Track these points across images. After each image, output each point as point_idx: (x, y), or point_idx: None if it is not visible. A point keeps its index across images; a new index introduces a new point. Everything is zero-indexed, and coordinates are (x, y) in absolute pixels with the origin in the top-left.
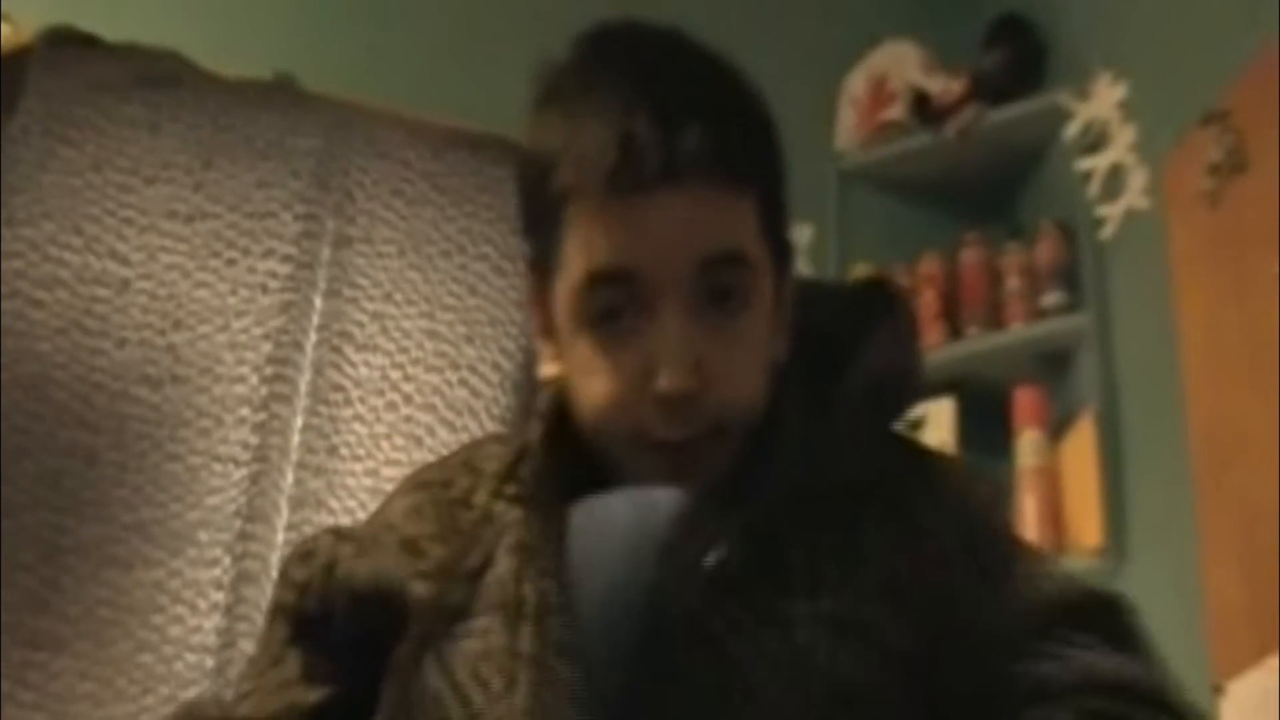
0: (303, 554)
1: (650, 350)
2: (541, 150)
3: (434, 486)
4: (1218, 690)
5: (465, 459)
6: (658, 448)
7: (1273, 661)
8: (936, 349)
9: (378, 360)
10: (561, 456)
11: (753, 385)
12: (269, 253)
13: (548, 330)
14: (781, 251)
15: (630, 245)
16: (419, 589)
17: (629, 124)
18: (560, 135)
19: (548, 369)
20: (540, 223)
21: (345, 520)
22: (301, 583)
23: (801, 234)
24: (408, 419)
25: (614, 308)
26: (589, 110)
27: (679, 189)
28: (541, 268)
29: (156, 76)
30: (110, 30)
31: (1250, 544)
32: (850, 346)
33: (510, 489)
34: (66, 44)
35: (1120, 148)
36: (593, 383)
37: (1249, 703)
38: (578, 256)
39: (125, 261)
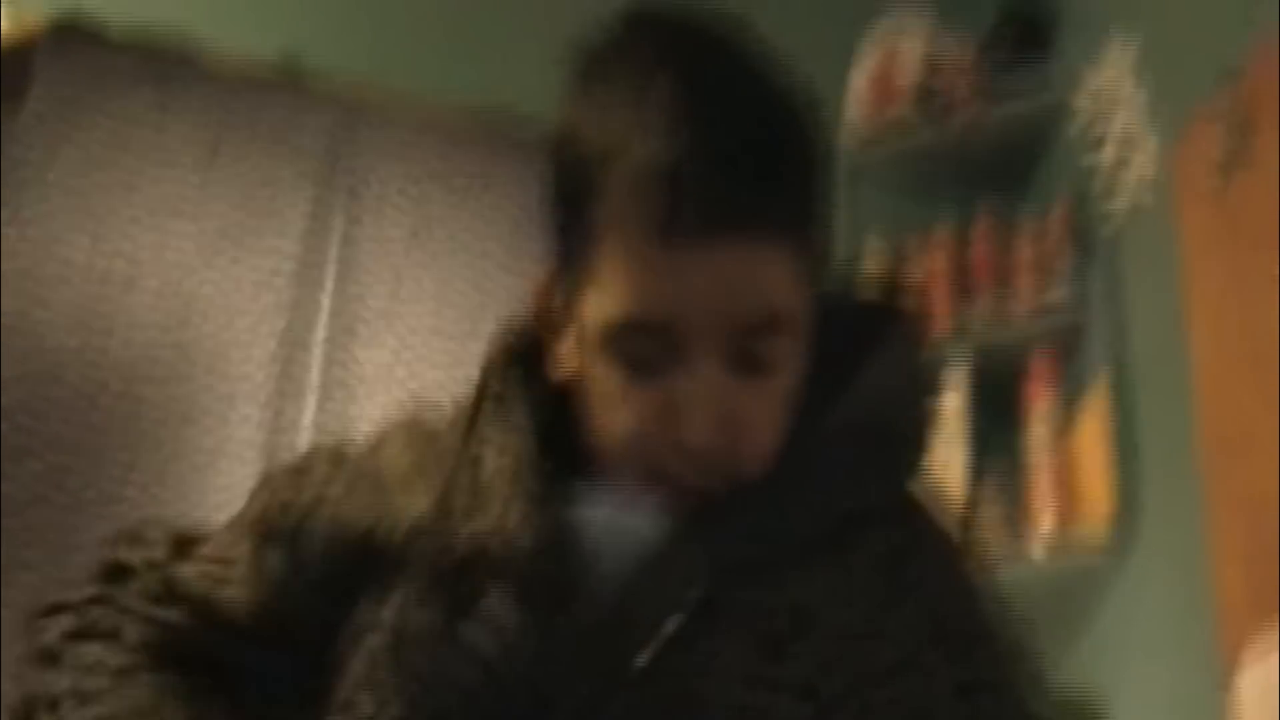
0: (297, 469)
1: (679, 395)
2: (581, 157)
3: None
4: (1225, 682)
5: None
6: (668, 482)
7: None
8: (948, 322)
9: (385, 354)
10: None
11: (774, 442)
12: (276, 247)
13: (547, 318)
14: (814, 293)
15: (671, 298)
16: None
17: (683, 163)
18: (605, 148)
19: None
20: (572, 232)
21: None
22: (285, 503)
23: None
24: None
25: (647, 354)
26: (640, 133)
27: (726, 243)
28: (564, 267)
29: (163, 67)
30: (116, 11)
31: (1257, 525)
32: (846, 371)
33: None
34: (72, 35)
35: (1131, 123)
36: (614, 416)
37: (1256, 695)
38: (613, 293)
39: (132, 257)
